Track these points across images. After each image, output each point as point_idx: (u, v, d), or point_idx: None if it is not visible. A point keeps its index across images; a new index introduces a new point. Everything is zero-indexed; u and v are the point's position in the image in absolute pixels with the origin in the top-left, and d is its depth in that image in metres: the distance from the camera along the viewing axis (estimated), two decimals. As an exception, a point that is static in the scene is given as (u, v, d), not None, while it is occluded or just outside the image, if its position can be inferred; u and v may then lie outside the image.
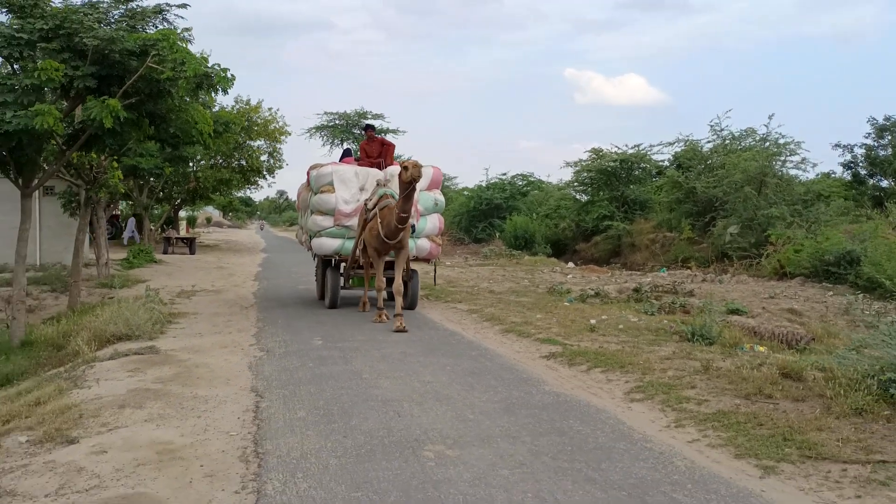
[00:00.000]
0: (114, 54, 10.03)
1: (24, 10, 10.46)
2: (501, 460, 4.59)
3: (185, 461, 4.71)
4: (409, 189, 9.87)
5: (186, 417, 5.74)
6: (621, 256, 29.39)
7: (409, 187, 9.85)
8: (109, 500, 4.09)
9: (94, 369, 7.62)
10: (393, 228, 10.18)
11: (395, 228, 10.16)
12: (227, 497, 4.07)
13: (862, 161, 34.84)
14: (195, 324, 10.75)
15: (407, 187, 9.85)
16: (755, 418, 5.40)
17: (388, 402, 6.04)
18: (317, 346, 8.80)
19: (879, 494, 4.04)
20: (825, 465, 4.47)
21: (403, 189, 9.91)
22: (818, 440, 4.84)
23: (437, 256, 12.91)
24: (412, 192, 10.02)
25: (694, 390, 6.33)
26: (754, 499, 4.02)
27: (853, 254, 15.75)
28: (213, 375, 7.22)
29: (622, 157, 31.46)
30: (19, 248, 11.39)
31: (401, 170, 9.94)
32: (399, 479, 4.26)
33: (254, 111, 30.62)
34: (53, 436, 5.37)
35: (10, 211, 19.11)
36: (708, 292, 15.02)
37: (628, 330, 9.78)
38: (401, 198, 10.04)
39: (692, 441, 5.09)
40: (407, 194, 9.92)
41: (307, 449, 4.84)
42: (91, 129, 10.35)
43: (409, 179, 9.74)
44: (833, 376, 6.08)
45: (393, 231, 10.21)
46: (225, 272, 21.05)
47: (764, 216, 22.32)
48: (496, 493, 4.04)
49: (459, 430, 5.24)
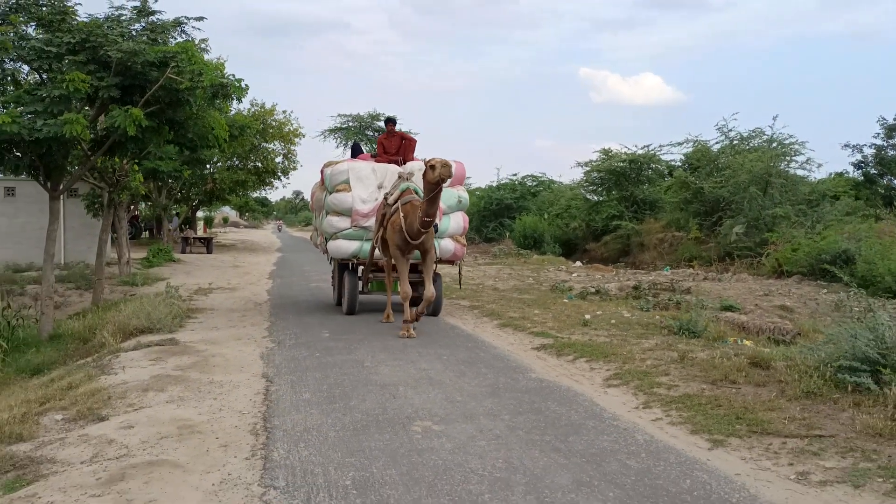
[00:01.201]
0: (136, 65, 10.68)
1: (52, 24, 11.18)
2: (480, 434, 5.19)
3: (202, 434, 5.34)
4: (436, 190, 9.06)
5: (203, 399, 6.37)
6: (630, 256, 29.80)
7: (436, 188, 9.03)
8: (137, 465, 4.71)
9: (120, 358, 8.28)
10: (416, 230, 9.41)
11: (418, 231, 9.40)
12: (239, 462, 4.69)
13: (871, 161, 35.12)
14: (212, 319, 11.41)
15: (433, 188, 9.02)
16: (716, 401, 5.97)
17: (386, 386, 6.66)
18: (324, 338, 9.44)
19: (809, 462, 4.60)
20: (768, 439, 5.03)
21: (429, 190, 9.09)
22: (767, 418, 5.40)
23: (461, 258, 11.97)
24: (438, 194, 9.18)
25: (667, 377, 6.89)
26: (698, 466, 4.59)
27: (848, 252, 16.19)
28: (228, 364, 7.86)
29: (631, 157, 31.85)
30: (47, 248, 12.10)
31: (426, 169, 9.01)
32: (388, 448, 4.87)
33: (269, 114, 31.37)
34: (85, 414, 6.02)
35: (35, 212, 20.06)
36: (705, 290, 15.48)
37: (620, 325, 10.32)
38: (425, 200, 9.19)
39: (655, 420, 5.66)
40: (433, 196, 9.10)
41: (310, 424, 5.46)
42: (115, 136, 11.04)
43: (436, 180, 8.88)
44: (795, 364, 6.62)
45: (416, 232, 9.44)
46: (240, 271, 21.77)
47: (769, 216, 22.74)
48: (472, 459, 4.64)
49: (447, 409, 5.85)
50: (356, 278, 11.61)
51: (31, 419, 6.01)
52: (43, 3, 11.45)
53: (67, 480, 4.49)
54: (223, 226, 67.52)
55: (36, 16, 11.27)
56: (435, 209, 9.28)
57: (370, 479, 4.30)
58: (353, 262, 11.61)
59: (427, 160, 9.08)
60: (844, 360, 6.17)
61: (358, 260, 11.50)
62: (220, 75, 10.79)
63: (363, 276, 11.80)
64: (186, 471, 4.57)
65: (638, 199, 31.50)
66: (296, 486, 4.23)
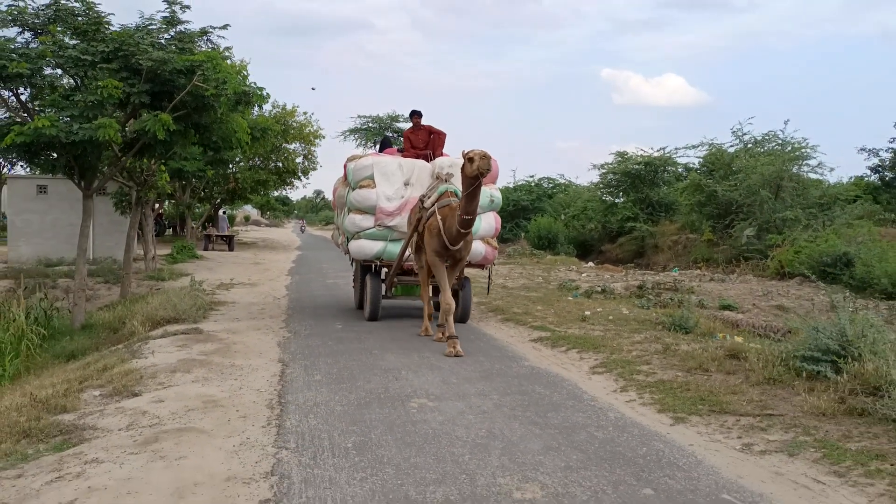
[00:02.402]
0: (164, 73, 11.45)
1: (87, 33, 11.98)
2: (469, 409, 5.85)
3: (224, 408, 6.04)
4: (475, 185, 8.37)
5: (225, 379, 7.08)
6: (645, 257, 30.33)
7: (475, 183, 8.34)
8: (168, 431, 5.41)
9: (149, 345, 9.02)
10: (455, 233, 8.72)
11: (458, 232, 8.70)
12: (256, 429, 5.38)
13: (888, 165, 35.33)
14: (233, 311, 12.16)
15: (472, 183, 8.36)
16: (686, 385, 6.58)
17: (389, 370, 7.34)
18: (337, 329, 10.15)
19: (756, 436, 5.21)
20: (725, 417, 5.65)
21: (467, 185, 8.44)
22: (727, 400, 6.01)
23: (492, 261, 11.21)
24: (478, 190, 8.47)
25: (648, 366, 7.51)
26: (657, 437, 5.22)
27: (848, 255, 16.66)
28: (248, 350, 8.57)
29: (647, 159, 32.33)
30: (80, 243, 12.92)
31: (464, 162, 8.37)
32: (387, 419, 5.55)
33: (289, 115, 32.20)
34: (120, 391, 6.74)
35: (66, 209, 20.99)
36: (707, 290, 16.03)
37: (617, 321, 10.92)
38: (464, 196, 8.55)
39: (629, 401, 6.29)
40: (471, 192, 8.43)
41: (319, 400, 6.15)
42: (145, 139, 11.82)
43: (474, 174, 8.20)
44: (764, 355, 7.21)
45: (455, 236, 8.76)
46: (261, 267, 22.58)
47: (779, 219, 23.19)
48: (458, 429, 5.30)
49: (442, 389, 6.52)
50: (379, 281, 10.93)
51: (73, 394, 6.73)
52: (78, 14, 12.25)
53: (108, 442, 5.20)
54: (245, 224, 68.62)
55: (72, 25, 12.07)
56: (475, 206, 8.60)
57: (368, 443, 4.97)
58: (376, 263, 11.04)
59: (465, 152, 8.36)
60: (807, 351, 6.78)
61: (382, 262, 10.88)
62: (242, 82, 11.52)
63: (388, 280, 11.03)
64: (211, 436, 5.27)
65: (653, 202, 31.97)
66: (304, 447, 4.91)
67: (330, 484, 4.22)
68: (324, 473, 4.40)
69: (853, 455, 4.66)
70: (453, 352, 8.14)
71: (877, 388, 5.65)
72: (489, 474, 4.36)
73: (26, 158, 12.32)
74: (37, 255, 20.98)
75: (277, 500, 4.00)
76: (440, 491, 4.09)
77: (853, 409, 5.50)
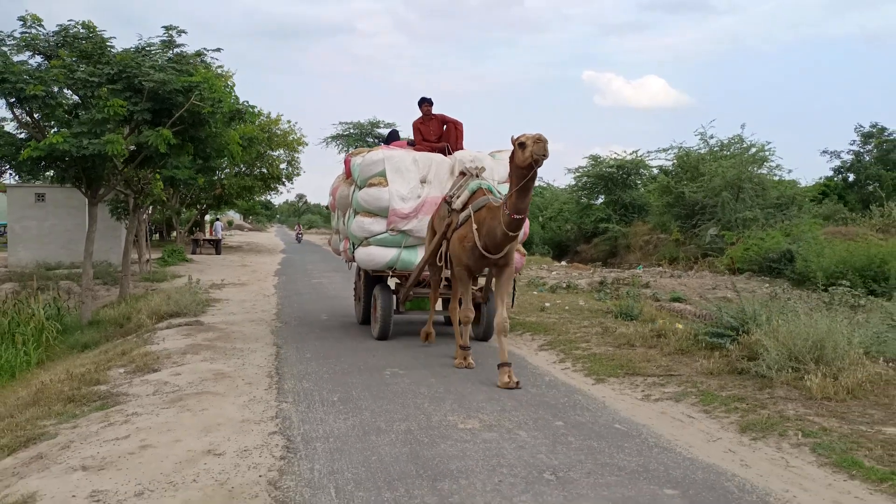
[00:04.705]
0: (164, 93, 12.75)
1: (93, 56, 13.26)
2: (432, 375, 7.23)
3: (232, 378, 7.37)
4: (529, 177, 6.83)
5: (230, 358, 8.40)
6: (617, 256, 31.88)
7: (529, 174, 6.79)
8: (188, 394, 6.73)
9: (158, 335, 10.32)
10: (500, 238, 7.21)
11: (504, 236, 7.18)
12: (260, 391, 6.72)
13: (849, 167, 37.22)
14: (228, 306, 13.46)
15: (524, 175, 6.80)
16: (612, 357, 8.00)
17: (369, 349, 8.72)
18: (322, 319, 11.52)
19: (655, 390, 6.63)
20: (635, 378, 7.07)
21: (519, 177, 6.87)
22: (641, 366, 7.44)
23: (519, 269, 10.13)
24: (531, 182, 6.92)
25: (586, 344, 8.92)
26: (579, 392, 6.62)
27: (791, 252, 18.20)
28: (246, 337, 9.90)
29: (619, 162, 33.89)
30: (87, 247, 14.19)
31: (514, 149, 6.80)
32: (365, 382, 6.92)
33: (274, 123, 33.44)
34: (142, 368, 8.05)
35: (62, 216, 22.19)
36: (662, 285, 17.52)
37: (572, 310, 12.33)
38: (513, 191, 6.97)
39: (564, 369, 7.71)
40: (524, 185, 6.87)
41: (310, 371, 7.51)
42: (146, 152, 13.10)
43: (527, 162, 6.65)
44: (682, 333, 8.64)
45: (499, 241, 7.25)
46: (248, 269, 23.83)
47: (740, 219, 24.77)
48: (421, 388, 6.67)
49: (411, 362, 7.90)
50: (391, 295, 9.64)
51: (102, 371, 8.04)
52: (83, 38, 13.52)
53: (141, 402, 6.52)
54: (229, 228, 69.61)
55: (78, 49, 13.33)
56: (527, 204, 7.06)
57: (350, 397, 6.34)
58: (387, 274, 9.81)
59: (515, 138, 6.83)
60: (713, 328, 8.22)
61: (394, 272, 9.63)
62: (236, 101, 12.83)
63: (403, 294, 9.87)
64: (224, 396, 6.60)
65: (626, 203, 33.48)
66: (300, 401, 6.27)
67: (321, 422, 5.59)
68: (315, 416, 5.76)
69: (722, 399, 6.09)
70: (511, 382, 6.82)
71: (756, 354, 7.08)
72: (442, 415, 5.74)
73: (40, 170, 13.53)
74: (35, 259, 22.11)
75: (281, 431, 5.36)
76: (404, 424, 5.46)
77: (735, 369, 6.94)
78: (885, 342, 7.44)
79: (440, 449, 4.86)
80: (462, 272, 7.80)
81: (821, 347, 6.55)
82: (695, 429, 5.50)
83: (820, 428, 5.21)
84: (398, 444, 4.98)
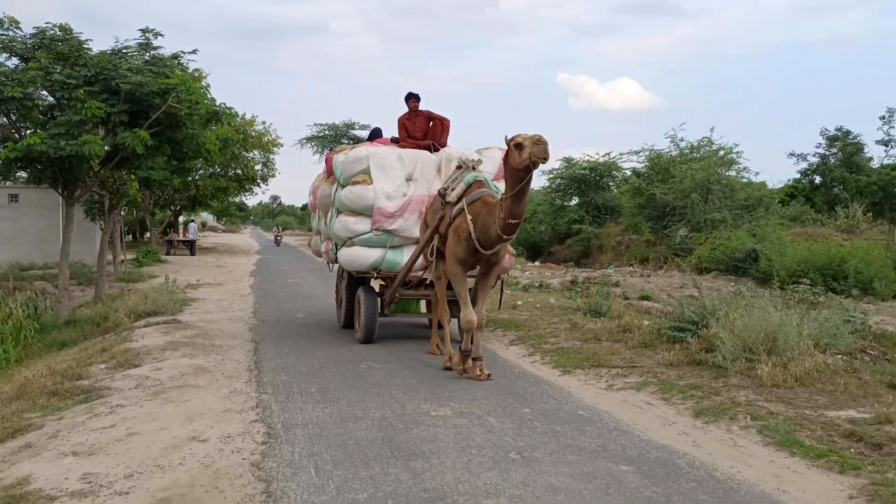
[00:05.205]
0: (142, 95, 12.90)
1: (70, 58, 13.37)
2: (406, 368, 7.54)
3: (211, 372, 7.61)
4: (525, 180, 6.65)
5: (209, 354, 8.63)
6: (590, 257, 32.40)
7: (526, 177, 6.62)
8: (170, 387, 6.96)
9: (136, 332, 10.50)
10: (493, 237, 7.03)
11: (498, 238, 7.01)
12: (241, 384, 6.98)
13: (815, 169, 38.15)
14: (205, 305, 13.65)
15: (521, 177, 6.62)
16: (579, 350, 8.36)
17: (344, 344, 9.01)
18: (299, 317, 11.78)
19: (618, 380, 6.99)
20: (600, 370, 7.42)
21: (516, 179, 6.68)
22: (606, 358, 7.80)
23: (508, 270, 9.87)
24: (528, 185, 6.76)
25: (555, 338, 9.27)
26: (546, 382, 6.97)
27: (755, 252, 18.76)
28: (224, 334, 10.12)
29: (592, 165, 34.42)
30: (63, 247, 14.30)
31: (510, 150, 6.62)
32: (341, 375, 7.20)
33: (249, 125, 33.48)
34: (123, 364, 8.25)
35: (36, 217, 22.16)
36: (632, 284, 17.97)
37: (543, 308, 12.69)
38: (509, 194, 6.77)
39: (533, 361, 8.06)
40: (520, 189, 6.69)
41: (288, 365, 7.78)
42: (123, 153, 13.25)
43: (524, 164, 6.47)
44: (647, 328, 9.03)
45: (493, 240, 7.07)
46: (224, 270, 23.94)
47: (709, 220, 25.36)
48: (396, 379, 6.98)
49: (387, 356, 8.20)
50: (375, 297, 9.37)
51: (84, 367, 8.23)
52: (59, 40, 13.62)
53: (125, 395, 6.75)
54: (202, 230, 69.25)
55: (55, 51, 13.43)
56: (523, 207, 6.91)
57: (327, 388, 6.63)
58: (371, 275, 9.53)
59: (510, 138, 6.64)
60: (675, 322, 8.62)
61: (379, 273, 9.35)
62: (213, 104, 13.02)
63: (388, 295, 9.52)
64: (205, 389, 6.85)
65: (599, 205, 34.02)
66: (279, 392, 6.54)
67: (300, 411, 5.87)
68: (294, 405, 6.04)
69: (679, 388, 6.47)
70: (483, 375, 7.05)
71: (714, 346, 7.46)
72: (416, 403, 6.05)
73: (14, 171, 13.61)
74: (9, 260, 21.98)
75: (262, 419, 5.63)
76: (379, 412, 5.76)
77: (694, 360, 7.33)
78: (836, 336, 7.87)
79: (413, 433, 5.16)
80: (456, 267, 7.43)
81: (773, 339, 6.97)
82: (653, 414, 5.86)
83: (767, 412, 5.60)
84: (374, 429, 5.28)
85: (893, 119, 34.35)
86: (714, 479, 4.34)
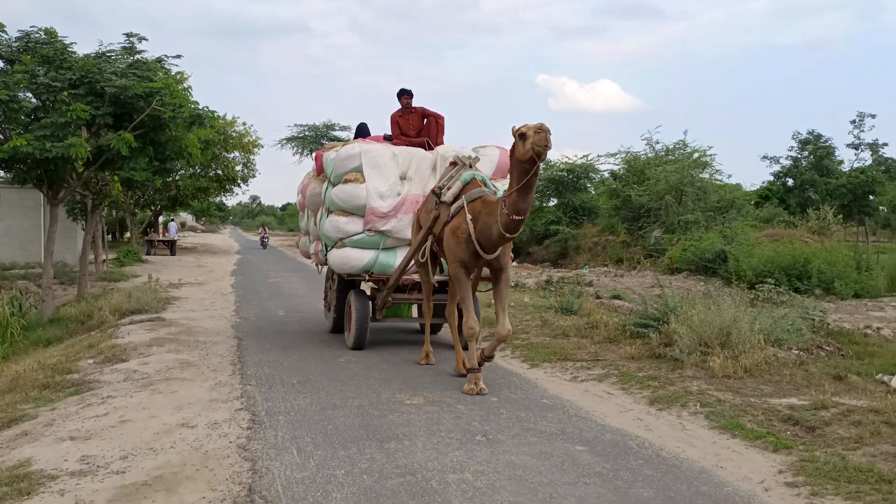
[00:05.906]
0: (126, 98, 13.20)
1: (55, 61, 13.63)
2: (383, 361, 7.96)
3: (197, 366, 7.97)
4: (531, 174, 6.23)
5: (194, 350, 8.99)
6: (567, 258, 32.94)
7: (532, 169, 6.19)
8: (158, 380, 7.32)
9: (121, 329, 10.82)
10: (495, 237, 6.62)
11: (500, 237, 6.60)
12: (225, 376, 7.35)
13: (787, 172, 38.99)
14: (188, 304, 13.96)
15: (527, 170, 6.21)
16: (548, 345, 8.82)
17: (324, 341, 9.40)
18: (280, 315, 12.15)
19: (582, 373, 7.45)
20: (566, 363, 7.88)
21: (521, 173, 6.27)
22: (572, 353, 8.26)
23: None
24: (534, 179, 6.34)
25: (525, 334, 9.72)
26: (514, 375, 7.41)
27: (724, 252, 19.35)
28: (207, 331, 10.46)
29: (570, 166, 34.99)
30: (48, 246, 14.57)
31: (515, 141, 6.27)
32: (321, 368, 7.60)
33: (229, 126, 33.73)
34: (111, 358, 8.59)
35: (18, 217, 22.32)
36: (605, 283, 18.49)
37: (517, 306, 13.13)
38: (514, 189, 6.35)
39: (504, 356, 8.49)
40: (526, 182, 6.27)
41: (270, 359, 8.16)
42: (108, 155, 13.53)
43: (529, 156, 6.09)
44: (613, 324, 9.50)
45: (494, 240, 6.68)
46: (205, 269, 24.20)
47: (682, 221, 25.97)
48: (373, 372, 7.39)
49: (365, 351, 8.60)
50: (367, 301, 9.02)
51: (72, 362, 8.55)
52: (44, 43, 13.87)
53: (115, 387, 7.09)
54: (181, 230, 69.17)
55: (40, 54, 13.69)
56: (528, 203, 6.43)
57: (308, 380, 7.02)
58: (363, 278, 9.09)
59: (516, 128, 6.26)
60: (639, 319, 9.10)
61: (371, 276, 8.93)
62: (196, 107, 13.35)
63: (381, 300, 9.09)
64: (191, 381, 7.22)
65: (576, 206, 34.58)
66: (262, 384, 6.93)
67: (282, 400, 6.26)
68: (277, 395, 6.43)
69: (638, 379, 6.93)
70: (475, 389, 6.58)
71: (673, 341, 7.93)
72: (391, 393, 6.47)
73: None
74: (-10, 260, 22.15)
75: (247, 408, 6.02)
76: (357, 401, 6.17)
77: (654, 354, 7.81)
78: (790, 331, 8.36)
79: (388, 419, 5.58)
80: (458, 270, 7.06)
81: (727, 334, 7.46)
82: (611, 403, 6.31)
83: (716, 400, 6.08)
84: (351, 416, 5.69)
85: (864, 123, 35.38)
86: (660, 457, 4.79)
